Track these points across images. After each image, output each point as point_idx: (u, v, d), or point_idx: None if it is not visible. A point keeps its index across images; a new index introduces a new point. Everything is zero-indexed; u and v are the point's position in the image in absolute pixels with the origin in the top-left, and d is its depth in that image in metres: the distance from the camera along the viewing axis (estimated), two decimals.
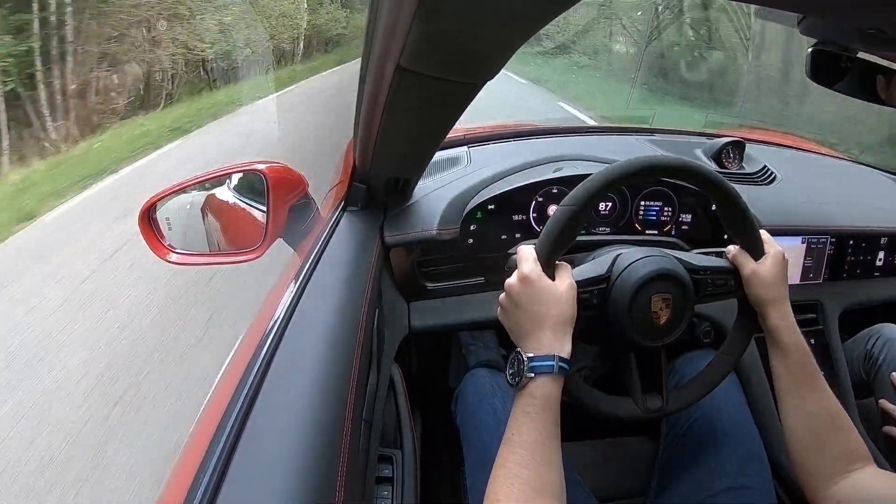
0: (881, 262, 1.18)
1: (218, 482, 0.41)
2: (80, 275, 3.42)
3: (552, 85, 9.73)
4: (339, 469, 0.46)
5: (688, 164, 0.71)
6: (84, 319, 2.90)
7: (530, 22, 0.39)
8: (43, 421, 2.17)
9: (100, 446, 1.97)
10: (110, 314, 2.91)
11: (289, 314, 0.63)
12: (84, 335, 2.74)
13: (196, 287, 2.99)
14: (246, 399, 0.49)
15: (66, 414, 2.18)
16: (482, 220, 1.00)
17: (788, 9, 0.43)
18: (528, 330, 0.63)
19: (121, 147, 6.52)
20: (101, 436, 2.02)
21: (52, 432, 2.08)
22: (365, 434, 0.59)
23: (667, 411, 0.74)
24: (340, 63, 12.96)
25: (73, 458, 1.93)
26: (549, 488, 0.57)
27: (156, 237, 0.89)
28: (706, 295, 0.74)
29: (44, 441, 2.04)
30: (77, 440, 2.01)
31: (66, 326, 2.84)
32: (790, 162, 1.35)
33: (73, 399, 2.25)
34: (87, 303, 3.08)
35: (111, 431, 2.04)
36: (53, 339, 2.73)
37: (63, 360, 2.54)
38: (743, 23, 6.33)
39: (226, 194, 1.03)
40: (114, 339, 2.65)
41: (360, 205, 0.94)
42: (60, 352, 2.61)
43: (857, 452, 0.66)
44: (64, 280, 3.40)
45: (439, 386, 1.19)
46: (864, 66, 0.59)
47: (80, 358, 2.53)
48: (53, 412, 2.21)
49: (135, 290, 3.09)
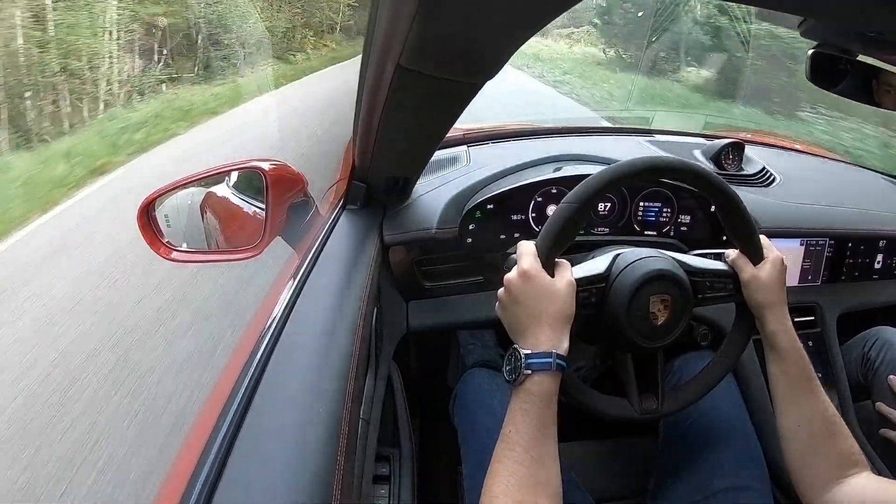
0: (879, 264, 1.18)
1: (215, 481, 0.41)
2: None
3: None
4: (337, 468, 0.46)
5: (689, 166, 0.71)
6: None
7: (530, 21, 0.39)
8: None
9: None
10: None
11: (287, 312, 0.62)
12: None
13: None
14: (243, 397, 0.49)
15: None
16: (481, 219, 1.00)
17: (789, 11, 0.43)
18: (527, 326, 0.63)
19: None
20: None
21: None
22: (363, 433, 0.59)
23: (662, 412, 0.74)
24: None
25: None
26: (545, 485, 0.57)
27: (154, 234, 0.89)
28: (705, 298, 0.74)
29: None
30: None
31: None
32: (789, 164, 1.35)
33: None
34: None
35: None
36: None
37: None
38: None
39: (225, 192, 1.03)
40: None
41: (359, 203, 0.94)
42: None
43: (852, 458, 0.66)
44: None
45: (437, 385, 1.19)
46: (864, 69, 0.60)
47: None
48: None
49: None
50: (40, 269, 3.52)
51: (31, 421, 2.13)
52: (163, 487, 0.48)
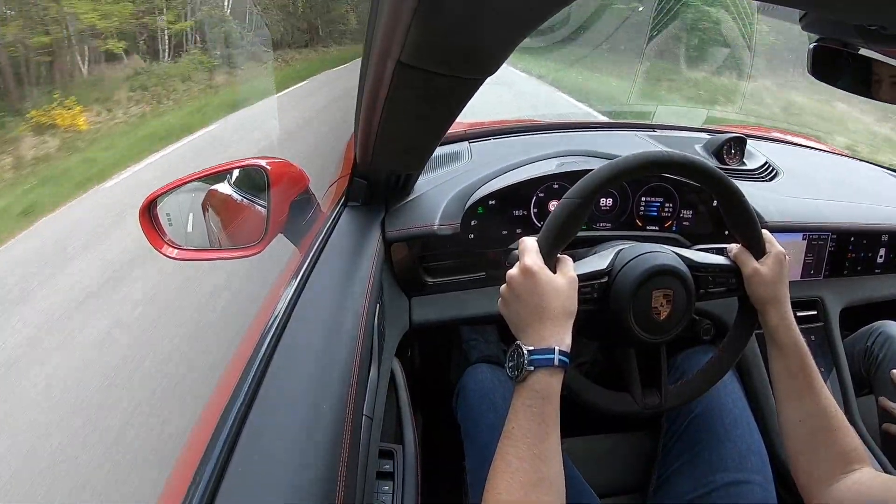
0: (882, 258, 1.18)
1: (219, 477, 0.41)
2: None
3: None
4: (340, 464, 0.46)
5: (691, 161, 0.71)
6: None
7: (531, 17, 0.39)
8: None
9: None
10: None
11: (290, 309, 0.63)
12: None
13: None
14: (247, 394, 0.49)
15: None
16: (483, 215, 1.00)
17: (791, 5, 0.43)
18: (529, 322, 0.64)
19: None
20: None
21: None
22: (366, 429, 0.59)
23: (665, 407, 0.74)
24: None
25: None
26: (548, 481, 0.57)
27: (156, 232, 0.89)
28: (707, 293, 0.74)
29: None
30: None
31: None
32: (791, 158, 1.35)
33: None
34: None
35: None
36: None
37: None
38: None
39: (227, 189, 1.03)
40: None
41: (361, 200, 0.94)
42: None
43: (854, 453, 0.66)
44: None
45: (440, 381, 1.19)
46: (865, 63, 0.59)
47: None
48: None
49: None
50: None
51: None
52: (168, 484, 0.48)
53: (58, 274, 3.46)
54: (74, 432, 2.05)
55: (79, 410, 2.16)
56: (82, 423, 2.09)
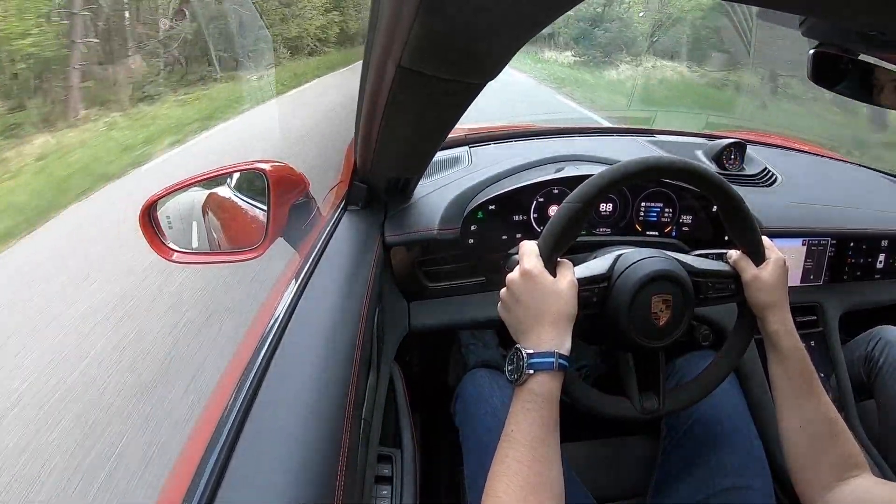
0: (881, 264, 1.18)
1: (217, 481, 0.41)
2: None
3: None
4: (339, 468, 0.46)
5: (691, 166, 0.71)
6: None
7: (532, 22, 0.39)
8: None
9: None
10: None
11: (289, 313, 0.63)
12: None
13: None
14: (246, 398, 0.49)
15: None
16: (483, 220, 1.00)
17: (791, 11, 0.43)
18: (529, 325, 0.63)
19: None
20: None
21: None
22: (364, 433, 0.59)
23: (663, 412, 0.74)
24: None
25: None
26: (547, 484, 0.57)
27: (156, 236, 0.89)
28: (706, 298, 0.74)
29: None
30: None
31: None
32: (791, 164, 1.35)
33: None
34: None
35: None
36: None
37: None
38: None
39: (227, 193, 1.03)
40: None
41: (360, 204, 0.94)
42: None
43: (853, 460, 0.66)
44: None
45: (439, 385, 1.19)
46: (865, 68, 0.59)
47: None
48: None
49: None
50: None
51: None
52: (167, 485, 0.48)
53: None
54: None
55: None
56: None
